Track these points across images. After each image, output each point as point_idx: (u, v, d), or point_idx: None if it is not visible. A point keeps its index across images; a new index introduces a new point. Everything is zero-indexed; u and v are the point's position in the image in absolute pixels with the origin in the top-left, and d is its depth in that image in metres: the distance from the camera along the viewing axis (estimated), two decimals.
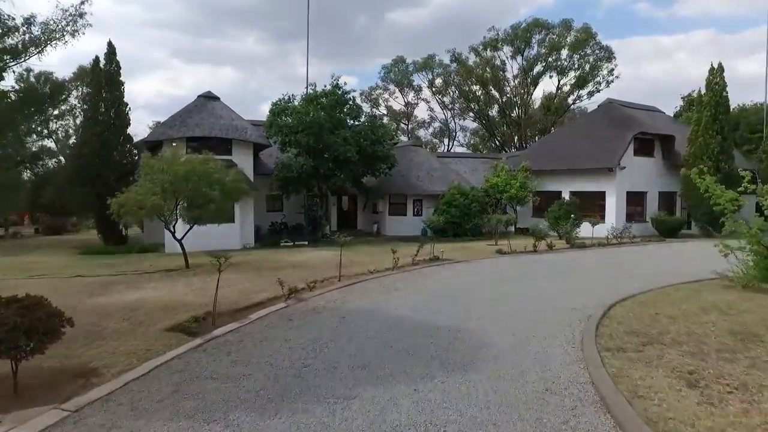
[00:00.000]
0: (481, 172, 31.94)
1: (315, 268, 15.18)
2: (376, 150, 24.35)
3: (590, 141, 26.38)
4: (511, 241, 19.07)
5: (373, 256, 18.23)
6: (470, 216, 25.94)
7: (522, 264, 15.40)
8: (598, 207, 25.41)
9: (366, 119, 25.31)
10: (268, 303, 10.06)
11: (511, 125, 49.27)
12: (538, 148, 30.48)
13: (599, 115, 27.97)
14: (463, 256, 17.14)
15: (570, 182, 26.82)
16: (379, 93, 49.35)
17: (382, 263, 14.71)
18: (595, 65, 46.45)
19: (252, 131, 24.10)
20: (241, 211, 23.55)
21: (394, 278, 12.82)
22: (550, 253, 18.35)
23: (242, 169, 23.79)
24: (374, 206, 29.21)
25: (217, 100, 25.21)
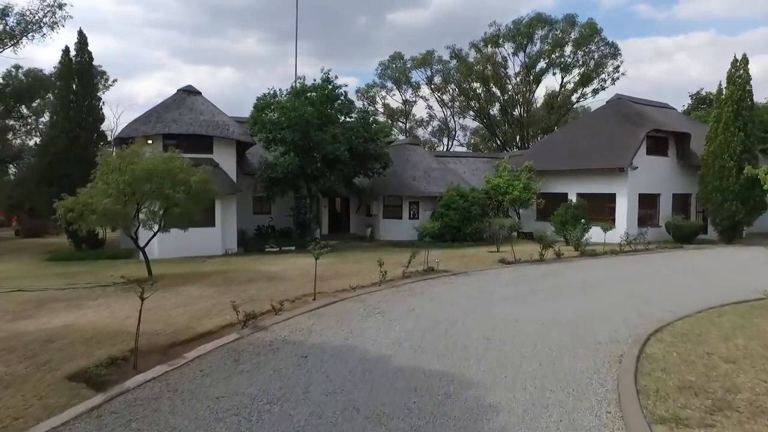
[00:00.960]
0: (481, 172, 29.95)
1: (293, 280, 13.23)
2: (369, 148, 22.38)
3: (599, 139, 24.38)
4: (514, 248, 17.10)
5: (361, 264, 16.28)
6: (470, 220, 23.95)
7: (528, 277, 13.40)
8: (607, 210, 23.40)
9: (358, 115, 23.35)
10: (219, 333, 8.09)
11: (513, 124, 47.25)
12: (542, 147, 28.50)
13: (608, 111, 25.99)
14: (462, 266, 15.15)
15: (577, 183, 24.82)
16: (376, 90, 47.45)
17: (369, 275, 12.76)
18: (600, 62, 44.44)
19: (235, 128, 22.14)
20: (223, 215, 21.62)
21: (378, 296, 10.84)
22: (559, 262, 16.35)
23: (224, 168, 21.96)
24: (368, 209, 27.25)
25: (198, 94, 23.26)
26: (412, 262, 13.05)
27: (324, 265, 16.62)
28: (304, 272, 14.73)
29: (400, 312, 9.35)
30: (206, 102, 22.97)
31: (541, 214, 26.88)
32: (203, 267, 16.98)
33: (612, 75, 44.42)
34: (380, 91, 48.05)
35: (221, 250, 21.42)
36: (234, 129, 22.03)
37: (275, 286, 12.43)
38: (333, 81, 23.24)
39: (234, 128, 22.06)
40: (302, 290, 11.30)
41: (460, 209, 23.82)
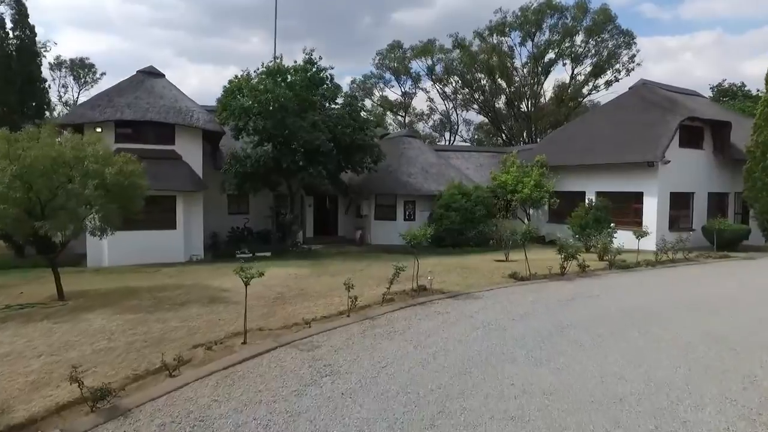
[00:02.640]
0: (486, 168, 26.49)
1: (242, 303, 9.88)
2: (356, 139, 18.97)
3: (623, 130, 20.85)
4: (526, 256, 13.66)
5: (338, 278, 12.86)
6: (473, 221, 20.55)
7: (551, 301, 9.95)
8: (632, 212, 19.89)
9: (345, 101, 19.93)
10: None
11: (520, 118, 43.67)
12: (555, 139, 25.01)
13: (632, 98, 22.45)
14: (462, 283, 11.72)
15: (596, 180, 21.31)
16: (373, 82, 43.92)
17: (343, 296, 9.37)
18: (614, 52, 40.76)
19: (202, 115, 18.80)
20: (186, 215, 18.32)
21: (340, 338, 7.43)
22: (586, 278, 12.88)
23: (188, 161, 18.64)
24: (358, 209, 23.88)
25: (160, 77, 19.94)
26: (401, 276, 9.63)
27: (292, 279, 13.25)
28: (264, 290, 11.42)
29: (363, 373, 5.93)
30: (169, 85, 19.65)
31: (555, 215, 23.41)
32: (144, 280, 13.65)
33: (627, 65, 40.78)
34: (378, 82, 44.56)
35: (184, 256, 18.12)
36: (200, 116, 18.69)
37: (211, 314, 9.08)
38: (317, 63, 19.87)
39: (200, 115, 18.71)
40: (241, 322, 7.94)
41: (461, 210, 20.39)
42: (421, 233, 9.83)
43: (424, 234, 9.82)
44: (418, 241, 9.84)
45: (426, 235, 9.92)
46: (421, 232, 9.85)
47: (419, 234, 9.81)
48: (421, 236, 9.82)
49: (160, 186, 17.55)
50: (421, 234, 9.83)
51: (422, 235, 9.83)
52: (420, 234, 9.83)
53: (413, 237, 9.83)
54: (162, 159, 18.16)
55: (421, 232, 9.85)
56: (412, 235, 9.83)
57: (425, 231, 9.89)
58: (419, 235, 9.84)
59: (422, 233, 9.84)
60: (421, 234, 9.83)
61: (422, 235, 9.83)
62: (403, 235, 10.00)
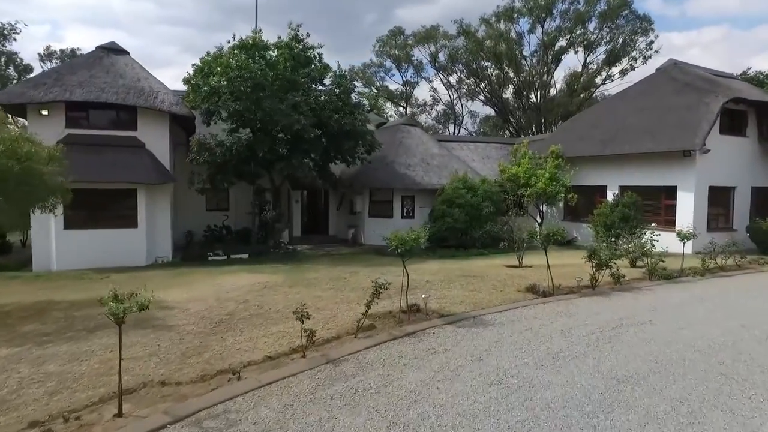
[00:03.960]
0: (494, 160, 23.69)
1: (174, 329, 7.23)
2: (345, 124, 16.23)
3: (651, 115, 17.98)
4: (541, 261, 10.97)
5: (315, 289, 10.24)
6: (480, 220, 17.79)
7: (592, 334, 7.18)
8: (664, 209, 17.04)
9: (333, 81, 17.16)
10: None
11: (529, 110, 40.65)
12: (572, 128, 22.14)
13: (661, 80, 19.55)
14: (468, 299, 8.99)
15: (620, 173, 18.49)
16: (373, 71, 41.02)
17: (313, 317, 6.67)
18: (630, 38, 37.63)
19: (168, 97, 16.12)
20: (150, 212, 15.68)
21: (270, 410, 4.70)
22: (624, 291, 10.11)
23: (153, 150, 15.99)
24: (352, 205, 21.18)
25: (123, 54, 17.26)
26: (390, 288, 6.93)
27: (256, 290, 10.54)
28: (215, 305, 8.78)
29: None
30: (132, 63, 16.97)
31: (571, 212, 20.61)
32: (80, 291, 11.05)
33: (644, 53, 37.63)
34: (378, 71, 41.63)
35: (147, 258, 15.51)
36: (166, 98, 16.00)
37: (116, 351, 6.41)
38: (304, 40, 17.14)
39: (166, 97, 16.03)
40: (158, 363, 5.31)
41: (467, 206, 17.66)
42: (412, 237, 7.08)
43: (416, 238, 7.08)
44: (407, 247, 7.10)
45: (419, 240, 7.17)
46: (412, 236, 7.10)
47: (409, 238, 7.06)
48: (411, 241, 7.07)
49: (117, 177, 14.98)
50: (411, 238, 7.07)
51: (413, 239, 7.08)
52: (410, 238, 7.08)
53: (401, 242, 7.09)
54: (121, 147, 15.56)
55: (412, 236, 7.10)
56: (399, 239, 7.09)
57: (417, 235, 7.14)
58: (409, 240, 7.09)
59: (413, 237, 7.09)
60: (411, 238, 7.07)
61: (413, 239, 7.08)
62: (388, 239, 7.26)
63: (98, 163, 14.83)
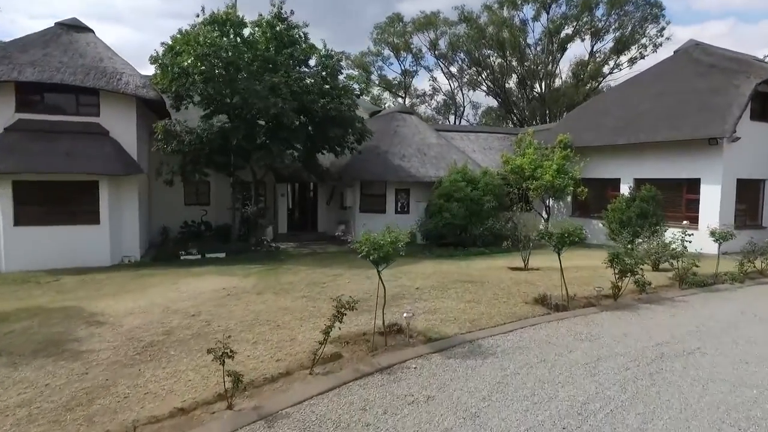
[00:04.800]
0: (496, 151, 21.88)
1: (94, 354, 5.52)
2: (331, 109, 14.45)
3: (671, 100, 16.13)
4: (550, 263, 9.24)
5: (285, 298, 8.54)
6: (480, 215, 16.05)
7: (628, 370, 5.42)
8: (685, 204, 15.24)
9: (318, 61, 15.34)
10: None
11: (533, 100, 38.68)
12: (581, 116, 20.30)
13: (681, 63, 17.67)
14: (464, 314, 7.26)
15: (635, 164, 16.68)
16: (371, 59, 39.01)
17: (256, 349, 5.00)
18: (640, 25, 35.56)
19: (135, 79, 14.35)
20: (114, 206, 14.00)
21: None
22: (653, 304, 8.36)
23: (117, 138, 14.27)
24: (342, 199, 19.44)
25: (86, 31, 15.50)
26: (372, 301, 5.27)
27: (217, 299, 8.83)
28: (160, 320, 7.08)
29: None
30: (96, 42, 15.21)
31: (580, 208, 18.83)
32: (15, 299, 9.37)
33: (654, 40, 35.59)
34: (376, 60, 39.63)
35: (111, 257, 13.85)
36: (132, 80, 14.24)
37: None
38: (288, 18, 15.36)
39: (131, 79, 14.27)
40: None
41: (466, 200, 15.91)
42: (389, 241, 5.34)
43: (394, 243, 5.34)
44: (382, 254, 5.36)
45: (397, 244, 5.43)
46: (388, 239, 5.37)
47: (385, 242, 5.33)
48: (387, 246, 5.34)
49: (75, 168, 13.27)
50: (388, 242, 5.34)
51: (390, 244, 5.35)
52: (386, 242, 5.34)
53: (374, 247, 5.36)
54: (82, 134, 13.86)
55: (388, 239, 5.37)
56: (371, 243, 5.35)
57: (396, 237, 5.40)
58: (385, 245, 5.35)
59: (390, 241, 5.35)
60: (388, 242, 5.34)
61: (390, 244, 5.35)
62: (358, 245, 5.53)
63: (53, 151, 13.14)
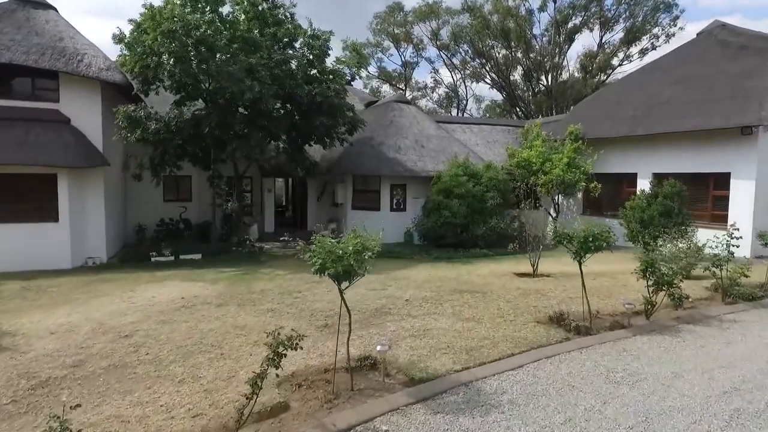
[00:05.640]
0: (501, 145, 20.23)
1: None
2: (317, 94, 12.82)
3: (695, 85, 14.43)
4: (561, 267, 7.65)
5: (245, 313, 6.95)
6: (484, 213, 14.45)
7: None
8: (711, 201, 13.55)
9: (305, 41, 13.69)
10: None
11: (539, 93, 36.87)
12: (594, 105, 18.57)
13: (705, 45, 15.96)
14: (457, 341, 5.67)
15: (654, 157, 15.00)
16: (370, 50, 37.23)
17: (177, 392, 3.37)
18: (651, 14, 33.64)
19: (98, 61, 12.77)
20: (76, 202, 12.46)
21: None
22: (696, 325, 6.72)
23: (79, 126, 12.72)
24: (334, 195, 17.85)
25: (46, 8, 13.91)
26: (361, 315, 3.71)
27: (166, 314, 7.32)
28: (83, 342, 5.53)
29: None
30: (57, 20, 13.62)
31: (591, 205, 17.17)
32: None
33: (667, 30, 33.68)
34: (375, 51, 37.85)
35: (73, 259, 12.34)
36: (94, 62, 12.67)
37: None
38: None
39: (94, 60, 12.70)
40: None
41: (467, 197, 14.30)
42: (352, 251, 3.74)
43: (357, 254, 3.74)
44: (343, 269, 3.75)
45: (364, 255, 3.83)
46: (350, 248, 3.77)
47: (345, 254, 3.72)
48: (350, 259, 3.74)
49: (28, 159, 11.68)
50: (351, 254, 3.74)
51: (354, 254, 3.75)
52: (350, 254, 3.74)
53: (333, 258, 3.75)
54: (38, 122, 12.30)
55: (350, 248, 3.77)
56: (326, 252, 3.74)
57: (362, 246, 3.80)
58: (348, 257, 3.75)
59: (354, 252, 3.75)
60: (351, 254, 3.74)
61: (354, 254, 3.75)
62: (309, 256, 3.92)
63: (4, 141, 11.61)
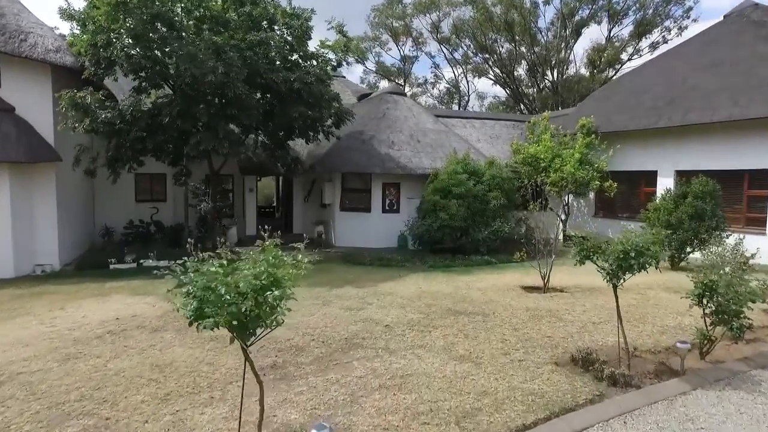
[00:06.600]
0: (505, 141, 18.49)
1: None
2: (294, 82, 11.09)
3: (729, 70, 12.67)
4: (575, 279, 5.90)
5: (182, 344, 5.20)
6: (486, 215, 12.72)
7: None
8: (747, 203, 11.78)
9: (282, 23, 11.97)
10: None
11: (545, 89, 35.02)
12: (608, 96, 16.79)
13: (737, 27, 14.18)
14: (448, 398, 4.02)
15: (678, 153, 13.24)
16: (368, 45, 35.46)
17: None
18: (662, 6, 31.73)
19: (46, 41, 11.13)
20: (20, 201, 10.81)
21: None
22: None
23: (25, 116, 11.06)
24: (322, 195, 16.14)
25: None
26: None
27: (82, 344, 5.51)
28: None
29: None
30: None
31: (605, 206, 15.42)
32: None
33: (679, 22, 31.79)
34: (374, 45, 36.08)
35: (17, 267, 10.71)
36: (41, 41, 11.02)
37: None
38: None
39: (41, 40, 11.05)
40: None
41: (468, 197, 12.56)
42: (259, 286, 2.10)
43: (262, 290, 2.05)
44: (235, 318, 1.96)
45: (288, 288, 2.02)
46: (251, 280, 2.21)
47: (253, 290, 2.11)
48: (252, 296, 2.04)
49: None
50: (256, 289, 2.07)
51: (260, 290, 2.11)
52: (255, 289, 2.10)
53: (221, 303, 2.09)
54: None
55: (251, 280, 2.21)
56: (216, 296, 2.04)
57: (275, 279, 2.08)
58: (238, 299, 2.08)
59: (262, 288, 2.14)
60: (256, 289, 2.07)
61: (260, 290, 2.11)
62: (179, 300, 2.12)
63: None
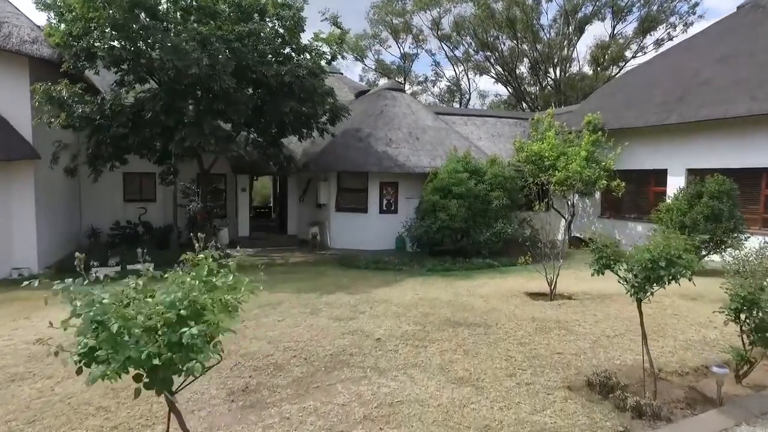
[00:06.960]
0: (507, 139, 17.83)
1: None
2: (284, 75, 10.42)
3: (745, 63, 11.99)
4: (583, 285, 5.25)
5: (85, 386, 4.50)
6: (488, 216, 12.07)
7: None
8: (764, 203, 11.08)
9: (273, 13, 11.30)
10: None
11: (547, 87, 34.33)
12: (615, 91, 16.09)
13: (753, 17, 13.47)
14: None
15: (689, 150, 12.55)
16: (368, 42, 34.77)
17: None
18: (668, 2, 31.02)
19: (22, 31, 10.51)
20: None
21: None
22: None
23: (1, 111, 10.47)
24: (317, 195, 15.48)
25: None
26: None
27: (13, 369, 4.83)
28: None
29: None
30: None
31: (611, 206, 14.73)
32: None
33: (685, 18, 31.06)
34: (373, 43, 35.40)
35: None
36: (16, 32, 10.41)
37: None
38: None
39: (16, 30, 10.44)
40: None
41: (468, 197, 11.91)
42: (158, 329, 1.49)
43: (175, 327, 1.40)
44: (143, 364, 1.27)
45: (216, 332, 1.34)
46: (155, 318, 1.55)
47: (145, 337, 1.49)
48: (147, 347, 1.48)
49: None
50: (157, 334, 1.53)
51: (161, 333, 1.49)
52: (150, 338, 1.55)
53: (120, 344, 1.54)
54: None
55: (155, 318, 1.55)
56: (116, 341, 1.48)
57: (194, 310, 1.53)
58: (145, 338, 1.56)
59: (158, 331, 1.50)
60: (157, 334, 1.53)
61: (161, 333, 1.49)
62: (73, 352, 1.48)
63: None
